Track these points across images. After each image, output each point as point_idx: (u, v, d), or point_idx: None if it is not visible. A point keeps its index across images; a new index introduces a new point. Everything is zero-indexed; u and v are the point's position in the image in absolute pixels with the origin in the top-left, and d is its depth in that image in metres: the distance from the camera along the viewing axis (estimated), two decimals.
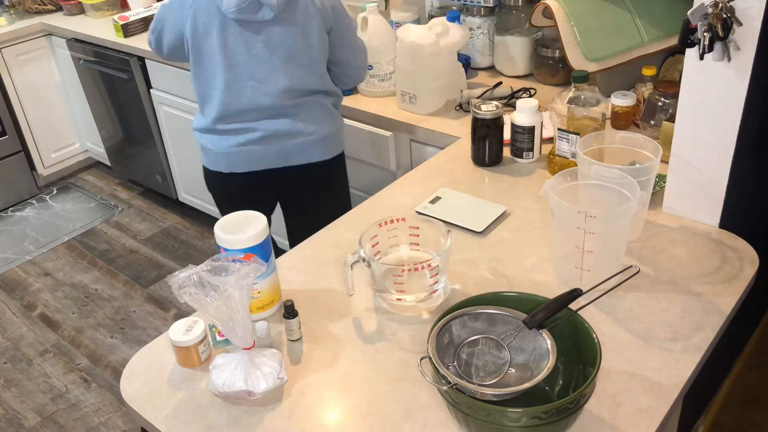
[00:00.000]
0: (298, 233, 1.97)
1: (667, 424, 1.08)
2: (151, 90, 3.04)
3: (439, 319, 1.04)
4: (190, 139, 3.02)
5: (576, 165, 1.36)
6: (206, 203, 3.21)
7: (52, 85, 3.63)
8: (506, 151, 1.77)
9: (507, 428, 0.92)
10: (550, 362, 0.98)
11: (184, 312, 2.80)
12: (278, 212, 2.78)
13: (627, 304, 1.25)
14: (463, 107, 2.07)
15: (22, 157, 3.63)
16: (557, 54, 2.15)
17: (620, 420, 1.03)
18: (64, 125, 3.76)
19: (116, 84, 3.19)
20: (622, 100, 1.76)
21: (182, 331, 1.18)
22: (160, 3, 1.83)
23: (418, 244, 1.35)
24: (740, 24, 1.21)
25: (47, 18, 3.50)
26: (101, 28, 3.23)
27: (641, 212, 1.39)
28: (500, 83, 2.11)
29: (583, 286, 1.07)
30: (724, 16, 1.19)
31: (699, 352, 1.14)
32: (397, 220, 1.32)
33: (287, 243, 2.84)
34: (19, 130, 3.59)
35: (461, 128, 1.96)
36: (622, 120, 1.78)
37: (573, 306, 1.04)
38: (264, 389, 1.10)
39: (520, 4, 2.20)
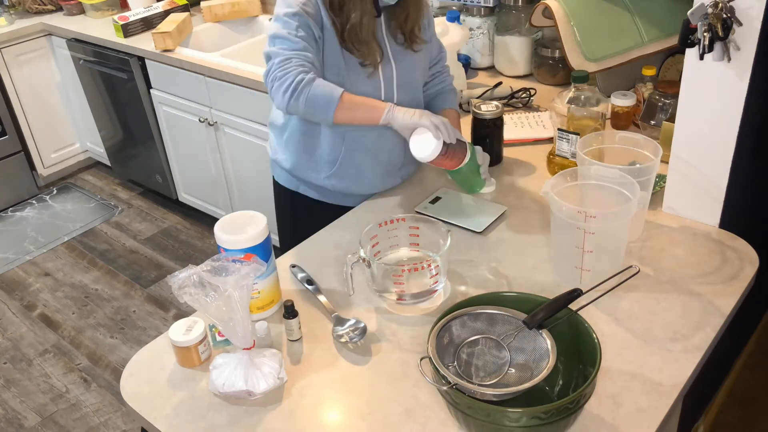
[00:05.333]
0: None
1: (667, 424, 1.08)
2: (151, 90, 3.04)
3: (439, 319, 1.04)
4: (190, 139, 3.02)
5: (576, 165, 1.36)
6: (206, 203, 3.21)
7: (52, 85, 3.63)
8: (506, 152, 1.77)
9: (507, 428, 0.92)
10: (550, 362, 0.98)
11: (184, 312, 2.80)
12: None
13: (627, 304, 1.25)
14: (463, 107, 2.07)
15: (22, 157, 3.63)
16: (557, 54, 2.15)
17: (620, 420, 1.03)
18: (64, 125, 3.76)
19: (116, 84, 3.19)
20: (622, 100, 1.76)
21: (182, 331, 1.18)
22: None
23: (418, 244, 1.35)
24: (740, 24, 1.21)
25: (47, 18, 3.50)
26: (101, 28, 3.23)
27: (641, 212, 1.39)
28: (500, 83, 2.11)
29: (583, 286, 1.07)
30: (724, 16, 1.19)
31: (699, 352, 1.14)
32: (397, 220, 1.32)
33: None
34: (19, 130, 3.59)
35: (461, 128, 1.95)
36: (622, 120, 1.78)
37: (573, 306, 1.04)
38: (264, 389, 1.10)
39: (520, 4, 2.20)
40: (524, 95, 2.05)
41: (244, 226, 1.20)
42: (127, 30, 3.04)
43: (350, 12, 1.41)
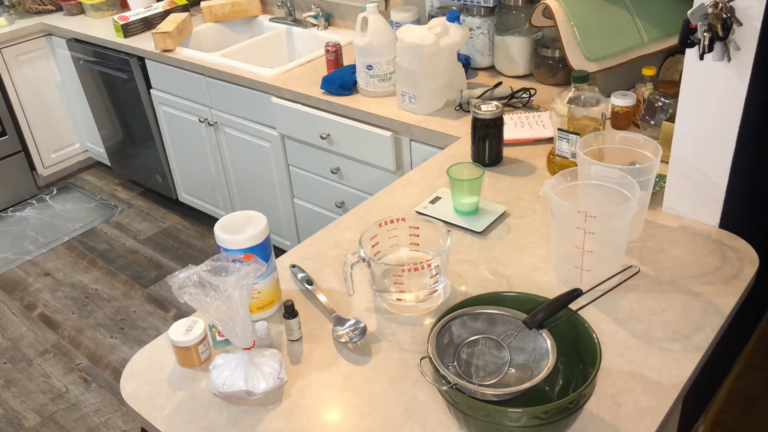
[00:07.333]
0: None
1: (667, 424, 1.08)
2: (151, 90, 3.04)
3: (439, 319, 1.04)
4: (190, 139, 3.02)
5: (576, 165, 1.36)
6: (206, 203, 3.21)
7: (52, 85, 3.63)
8: (506, 152, 1.77)
9: (507, 428, 0.92)
10: (550, 362, 0.98)
11: (184, 312, 2.80)
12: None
13: (627, 304, 1.25)
14: (463, 107, 2.07)
15: (22, 157, 3.63)
16: (557, 54, 2.15)
17: (620, 420, 1.03)
18: (64, 125, 3.76)
19: (116, 84, 3.19)
20: (622, 100, 1.76)
21: (182, 331, 1.18)
22: None
23: (418, 244, 1.35)
24: (740, 24, 1.21)
25: (47, 18, 3.50)
26: (101, 28, 3.23)
27: (641, 212, 1.39)
28: (500, 83, 2.11)
29: (583, 286, 1.07)
30: (724, 16, 1.19)
31: (699, 352, 1.14)
32: (397, 220, 1.32)
33: (287, 243, 2.85)
34: (19, 130, 3.59)
35: (461, 128, 1.96)
36: (622, 120, 1.78)
37: (573, 306, 1.04)
38: (264, 389, 1.10)
39: (520, 4, 2.20)
40: (524, 95, 2.05)
41: (244, 226, 1.20)
42: (127, 30, 3.04)
43: None
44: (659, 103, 1.70)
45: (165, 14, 3.16)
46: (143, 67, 2.99)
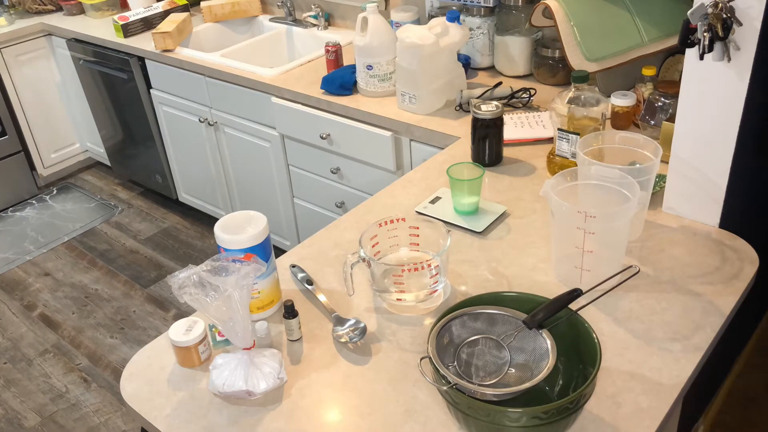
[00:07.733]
0: None
1: (667, 424, 1.08)
2: (151, 90, 3.04)
3: (439, 319, 1.04)
4: (190, 139, 3.02)
5: (576, 165, 1.36)
6: (206, 203, 3.22)
7: (52, 85, 3.63)
8: (506, 152, 1.77)
9: (507, 428, 0.92)
10: (550, 362, 0.98)
11: (184, 312, 2.80)
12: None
13: (627, 304, 1.25)
14: (463, 107, 2.07)
15: (22, 157, 3.63)
16: (557, 54, 2.15)
17: (620, 420, 1.03)
18: (64, 125, 3.76)
19: (116, 84, 3.19)
20: (622, 100, 1.76)
21: (182, 331, 1.18)
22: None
23: (418, 244, 1.35)
24: (740, 24, 1.21)
25: (47, 18, 3.50)
26: (101, 28, 3.23)
27: (641, 212, 1.39)
28: (500, 83, 2.11)
29: (583, 286, 1.07)
30: (724, 16, 1.19)
31: (699, 352, 1.14)
32: (397, 220, 1.32)
33: (287, 243, 2.85)
34: (19, 130, 3.59)
35: (461, 128, 1.96)
36: (622, 120, 1.78)
37: (573, 306, 1.04)
38: (264, 389, 1.10)
39: (520, 4, 2.20)
40: (524, 95, 2.05)
41: (244, 226, 1.20)
42: (127, 30, 3.04)
43: None
44: (659, 103, 1.70)
45: (165, 14, 3.16)
46: (143, 67, 2.99)
